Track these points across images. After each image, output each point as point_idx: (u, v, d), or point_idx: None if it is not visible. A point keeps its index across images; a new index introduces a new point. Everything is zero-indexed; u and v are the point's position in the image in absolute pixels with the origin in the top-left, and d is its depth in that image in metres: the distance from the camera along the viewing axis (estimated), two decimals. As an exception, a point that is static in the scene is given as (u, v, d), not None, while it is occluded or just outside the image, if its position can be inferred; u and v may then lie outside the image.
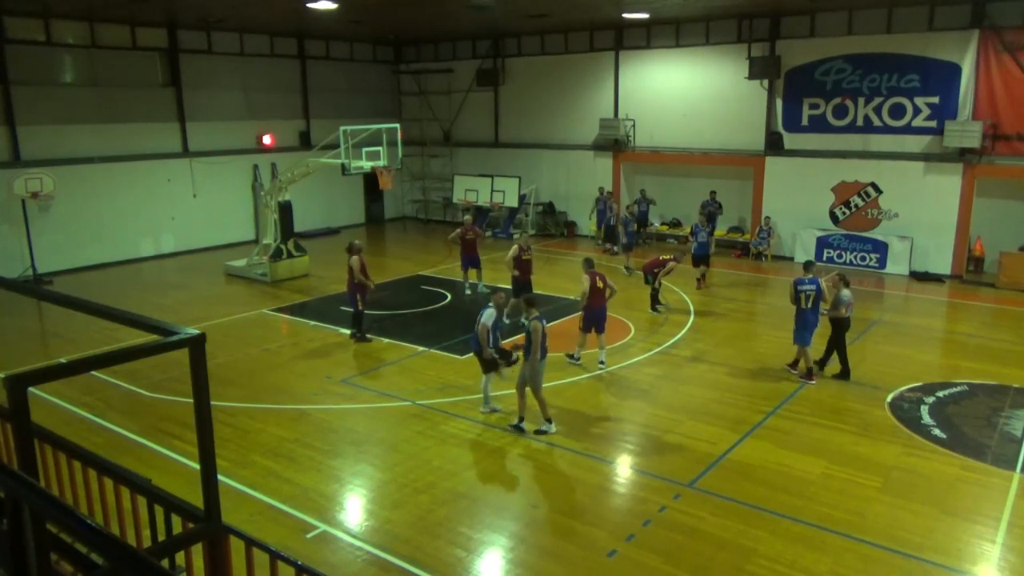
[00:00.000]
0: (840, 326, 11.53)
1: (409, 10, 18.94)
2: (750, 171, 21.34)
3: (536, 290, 15.96)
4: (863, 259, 19.59)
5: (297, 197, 19.65)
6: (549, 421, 9.75)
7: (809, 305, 11.31)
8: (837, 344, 11.62)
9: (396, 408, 10.67)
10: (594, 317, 11.89)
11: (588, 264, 12.22)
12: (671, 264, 15.11)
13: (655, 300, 15.46)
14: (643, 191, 22.58)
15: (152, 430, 9.89)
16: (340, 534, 7.52)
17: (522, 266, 14.41)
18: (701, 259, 17.26)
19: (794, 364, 11.88)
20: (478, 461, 9.11)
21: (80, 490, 4.97)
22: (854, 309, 11.74)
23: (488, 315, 10.10)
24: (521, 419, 9.80)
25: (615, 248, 21.30)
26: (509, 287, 14.19)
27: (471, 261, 16.52)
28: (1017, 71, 17.24)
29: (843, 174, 19.84)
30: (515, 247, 14.57)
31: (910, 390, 11.17)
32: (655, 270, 15.23)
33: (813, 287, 11.35)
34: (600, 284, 11.83)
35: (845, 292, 11.44)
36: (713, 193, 21.55)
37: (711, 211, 20.79)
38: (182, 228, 22.01)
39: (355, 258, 13.35)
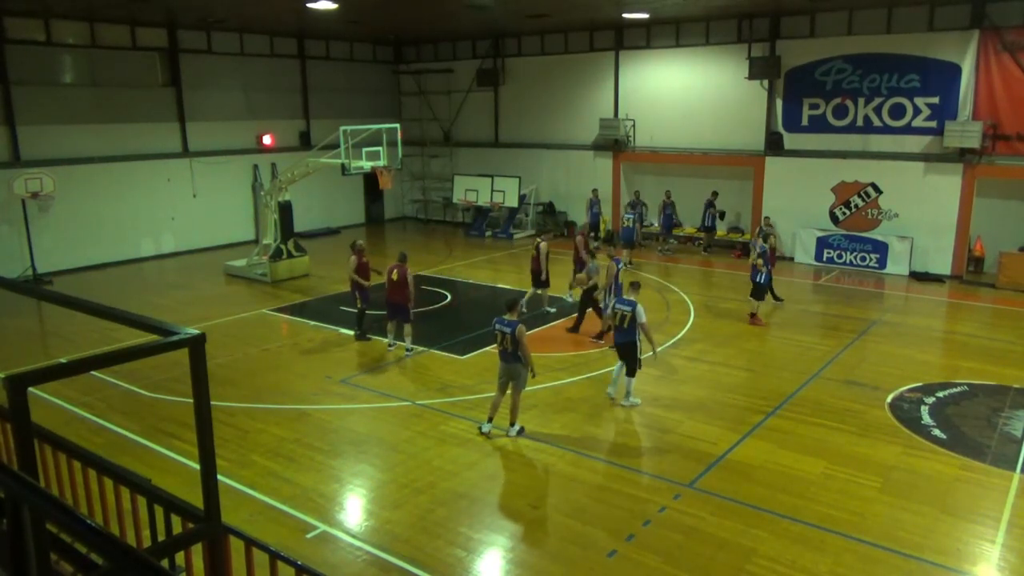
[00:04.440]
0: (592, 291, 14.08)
1: (409, 10, 18.94)
2: (750, 171, 21.33)
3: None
4: (863, 259, 19.58)
5: (297, 197, 19.65)
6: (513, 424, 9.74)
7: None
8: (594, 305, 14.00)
9: (396, 408, 10.67)
10: (392, 309, 12.89)
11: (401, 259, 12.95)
12: (761, 243, 15.45)
13: (774, 293, 16.00)
14: (637, 193, 22.56)
15: (152, 430, 9.89)
16: (340, 534, 7.52)
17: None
18: (765, 290, 15.00)
19: (600, 336, 13.45)
20: (478, 461, 9.10)
21: (80, 490, 4.97)
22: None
23: (641, 311, 10.39)
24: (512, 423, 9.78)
25: (595, 244, 21.83)
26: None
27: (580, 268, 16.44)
28: (1017, 71, 17.23)
29: (843, 174, 19.84)
30: (544, 245, 15.16)
31: (910, 390, 11.18)
32: (764, 261, 14.98)
33: (619, 266, 13.44)
34: (395, 277, 12.60)
35: (592, 264, 14.20)
36: (715, 193, 21.45)
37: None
38: (182, 228, 22.01)
39: (353, 257, 13.55)
